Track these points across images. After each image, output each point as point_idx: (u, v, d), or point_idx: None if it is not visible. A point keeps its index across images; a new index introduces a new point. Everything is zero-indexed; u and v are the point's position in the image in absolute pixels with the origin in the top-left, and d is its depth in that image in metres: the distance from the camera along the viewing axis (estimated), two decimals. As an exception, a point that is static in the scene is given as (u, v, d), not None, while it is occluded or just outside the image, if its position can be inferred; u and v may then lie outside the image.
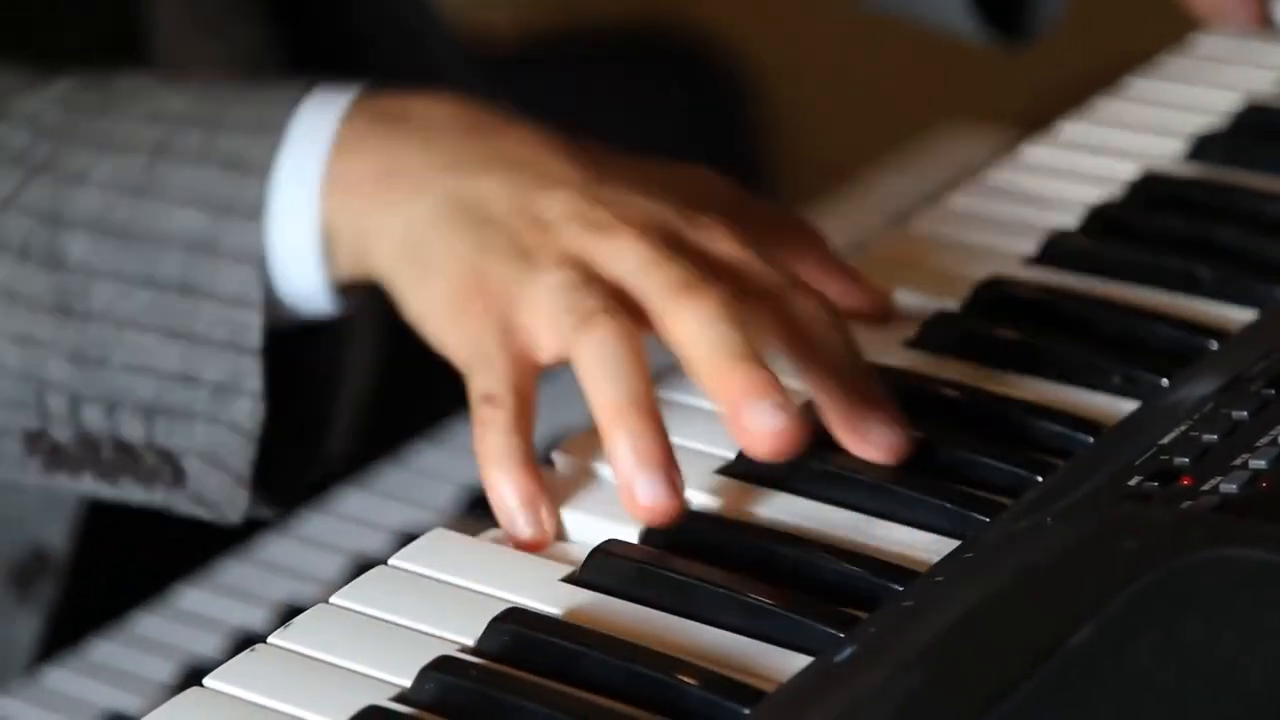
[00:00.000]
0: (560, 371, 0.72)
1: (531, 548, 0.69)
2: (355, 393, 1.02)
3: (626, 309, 0.70)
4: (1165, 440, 0.69)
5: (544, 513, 0.69)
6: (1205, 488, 0.66)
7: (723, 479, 0.72)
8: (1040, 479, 0.70)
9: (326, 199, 0.76)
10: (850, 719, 0.60)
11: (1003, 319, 0.80)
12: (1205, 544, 0.62)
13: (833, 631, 0.65)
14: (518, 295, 0.71)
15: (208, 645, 0.90)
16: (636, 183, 0.74)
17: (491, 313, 0.71)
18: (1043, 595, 0.62)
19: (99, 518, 0.92)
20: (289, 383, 0.79)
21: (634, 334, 0.70)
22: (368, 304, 0.80)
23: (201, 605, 0.92)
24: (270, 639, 0.66)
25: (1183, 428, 0.70)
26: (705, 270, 0.71)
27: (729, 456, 0.73)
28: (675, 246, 0.71)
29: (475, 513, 0.90)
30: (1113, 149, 0.90)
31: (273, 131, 0.76)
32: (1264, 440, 0.68)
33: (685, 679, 0.64)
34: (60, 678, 0.89)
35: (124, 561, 0.94)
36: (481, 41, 1.86)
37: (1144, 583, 0.61)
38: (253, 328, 0.76)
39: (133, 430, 0.77)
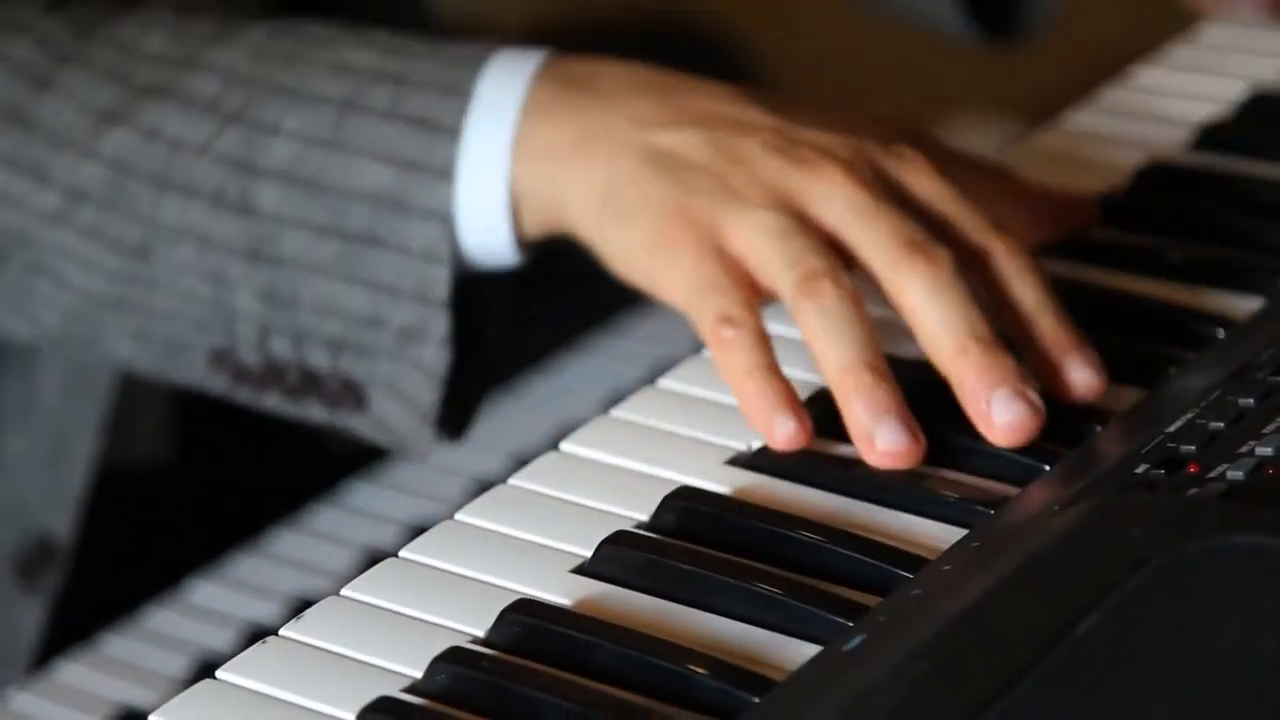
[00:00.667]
0: (561, 369, 0.72)
1: (797, 443, 0.71)
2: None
3: (845, 263, 0.72)
4: (1172, 428, 0.69)
5: (802, 411, 0.71)
6: (1212, 475, 0.66)
7: (732, 469, 0.73)
8: (1048, 468, 0.71)
9: (519, 162, 0.77)
10: (859, 707, 0.60)
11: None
12: (1211, 531, 0.62)
13: (841, 620, 0.65)
14: (727, 226, 0.73)
15: (219, 639, 0.91)
16: (830, 123, 0.75)
17: (703, 243, 0.73)
18: (1050, 583, 0.63)
19: (103, 507, 0.92)
20: (465, 318, 0.81)
21: (859, 298, 0.72)
22: None
23: (213, 599, 0.93)
24: (282, 631, 0.66)
25: (1189, 415, 0.70)
26: (918, 223, 0.72)
27: (738, 447, 0.73)
28: (881, 184, 0.73)
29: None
30: (1119, 139, 0.90)
31: (460, 94, 0.77)
32: (1270, 428, 0.68)
33: (695, 668, 0.64)
34: (72, 671, 0.90)
35: (129, 551, 0.95)
36: (492, 37, 1.86)
37: (1151, 570, 0.61)
38: (440, 281, 0.78)
39: (319, 359, 0.80)
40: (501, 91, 0.77)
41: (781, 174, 0.74)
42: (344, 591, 0.68)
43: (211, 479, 1.00)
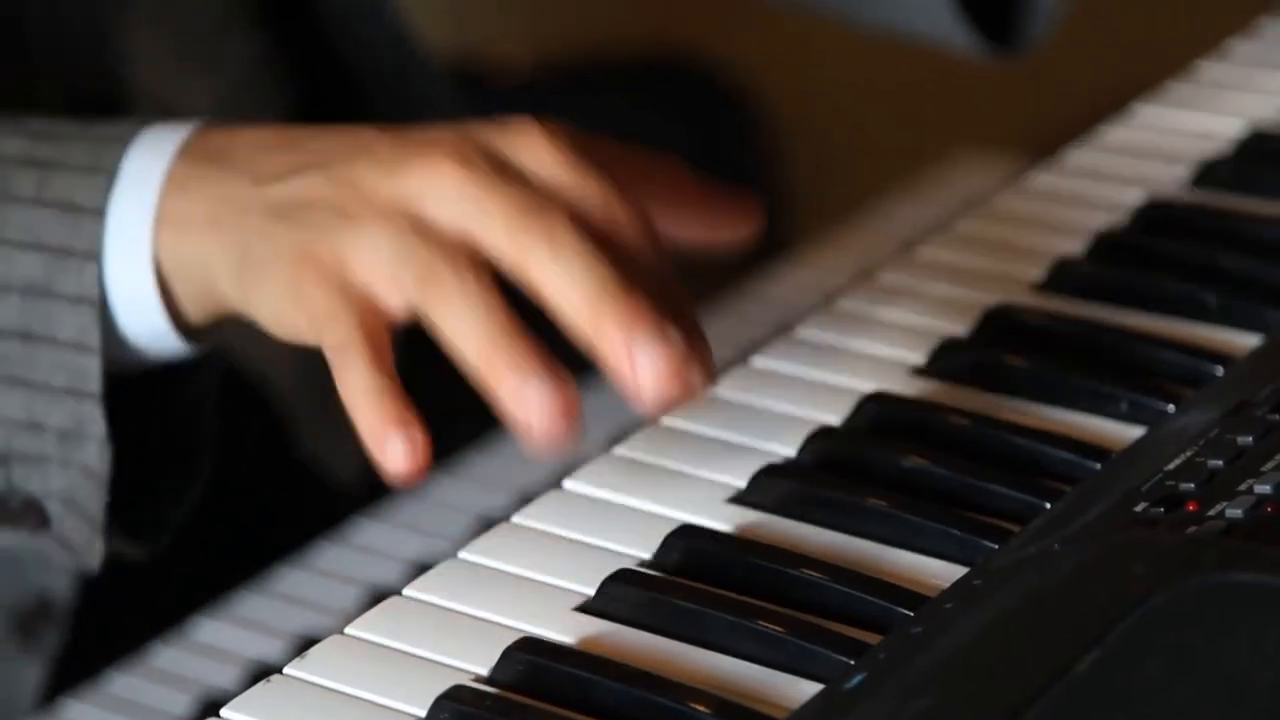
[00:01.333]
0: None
1: (408, 476, 0.69)
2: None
3: (465, 251, 0.70)
4: (1171, 466, 0.70)
5: (415, 431, 0.68)
6: (1211, 513, 0.67)
7: (734, 507, 0.73)
8: (1048, 505, 0.71)
9: (161, 240, 0.75)
10: (860, 745, 0.60)
11: (1011, 346, 0.80)
12: (1211, 569, 0.63)
13: (843, 658, 0.66)
14: (347, 256, 0.71)
15: (224, 677, 0.91)
16: (449, 127, 0.74)
17: (328, 279, 0.71)
18: (1050, 619, 0.63)
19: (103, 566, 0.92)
20: (160, 420, 0.78)
21: (480, 273, 0.69)
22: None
23: (218, 637, 0.93)
24: (286, 670, 0.67)
25: (1188, 454, 0.70)
26: (533, 193, 0.70)
27: (740, 485, 0.74)
28: (492, 164, 0.71)
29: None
30: (1118, 176, 0.90)
31: (103, 173, 0.76)
32: (1269, 465, 0.68)
33: (698, 706, 0.64)
34: (78, 710, 0.90)
35: (128, 609, 0.94)
36: (497, 72, 1.87)
37: (1150, 607, 0.62)
38: (92, 373, 0.75)
39: None
40: (145, 168, 0.76)
41: (391, 183, 0.72)
42: (348, 630, 0.68)
43: (212, 520, 1.00)
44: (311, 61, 1.08)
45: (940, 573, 0.69)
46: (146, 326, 0.76)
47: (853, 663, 0.65)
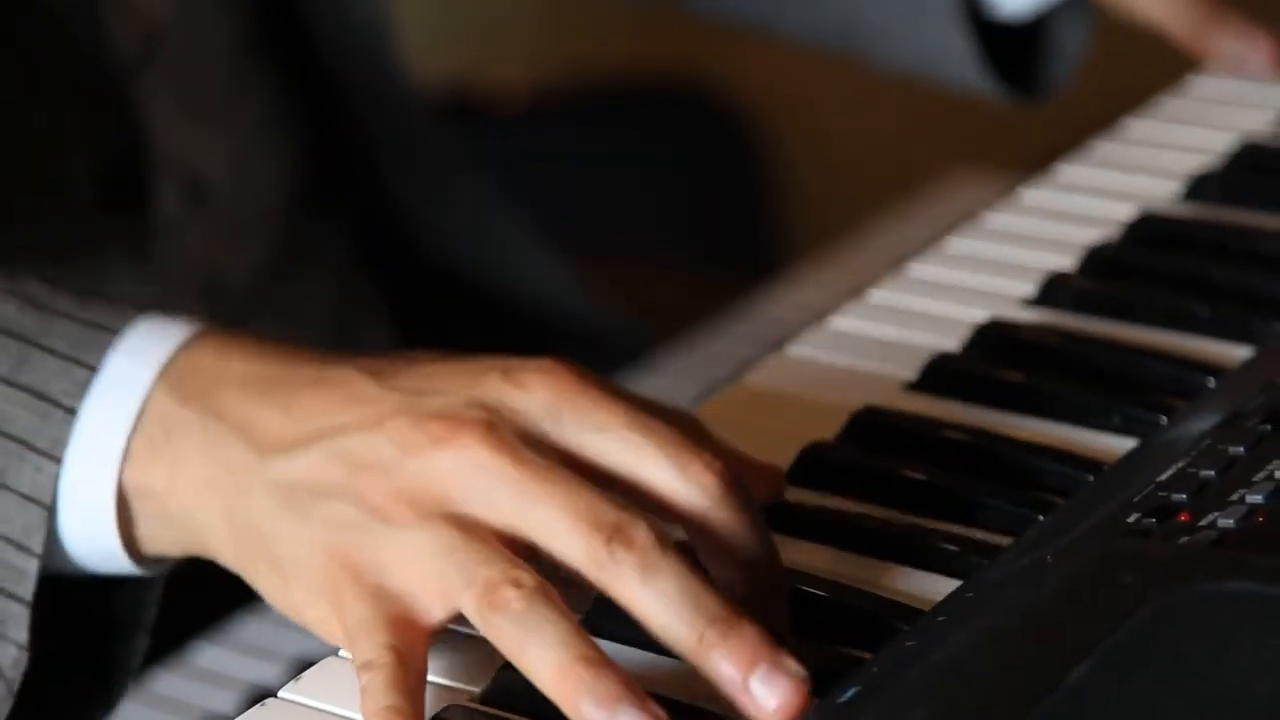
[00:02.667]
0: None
1: None
2: None
3: (523, 566, 0.64)
4: (1163, 477, 0.70)
5: None
6: (1203, 523, 0.67)
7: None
8: (1042, 518, 0.71)
9: (133, 470, 0.70)
10: (853, 758, 0.60)
11: (1003, 361, 0.81)
12: (1202, 578, 0.63)
13: (836, 673, 0.65)
14: (386, 561, 0.66)
15: (223, 701, 0.91)
16: (454, 374, 0.68)
17: (364, 585, 0.66)
18: (1043, 630, 0.63)
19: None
20: (81, 625, 0.74)
21: (548, 592, 0.64)
22: None
23: (216, 661, 0.93)
24: (281, 693, 0.67)
25: (1180, 464, 0.70)
26: (594, 489, 0.64)
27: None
28: (531, 444, 0.65)
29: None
30: (1110, 190, 0.91)
31: (85, 368, 0.71)
32: (1261, 475, 0.68)
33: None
34: None
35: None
36: (495, 98, 1.87)
37: (1142, 617, 0.62)
38: (28, 576, 0.71)
39: None
40: (126, 373, 0.71)
41: (421, 473, 0.66)
42: (342, 652, 0.68)
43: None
44: (317, 112, 1.09)
45: (935, 586, 0.69)
46: (93, 540, 0.72)
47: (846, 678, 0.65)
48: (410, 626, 0.66)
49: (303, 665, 0.91)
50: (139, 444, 0.70)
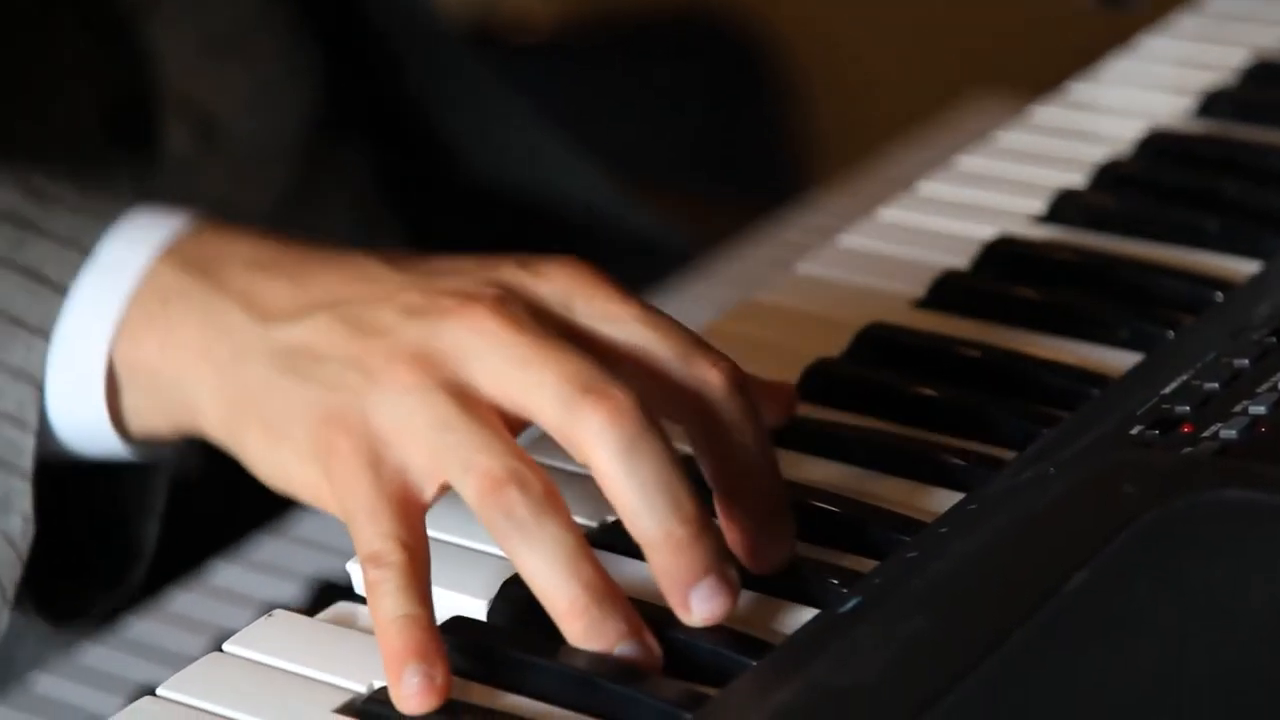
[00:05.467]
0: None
1: (423, 703, 0.63)
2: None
3: (511, 432, 0.64)
4: (1167, 390, 0.70)
5: (437, 671, 0.63)
6: (1205, 434, 0.67)
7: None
8: (1045, 431, 0.71)
9: (125, 344, 0.71)
10: (854, 663, 0.61)
11: (1011, 277, 0.81)
12: (1202, 486, 0.63)
13: (839, 584, 0.66)
14: (381, 428, 0.65)
15: (239, 619, 0.92)
16: (473, 263, 0.67)
17: (360, 453, 0.65)
18: (1043, 539, 0.63)
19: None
20: (92, 507, 0.75)
21: (552, 495, 0.63)
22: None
23: (233, 580, 0.94)
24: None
25: (1185, 377, 0.70)
26: (590, 359, 0.64)
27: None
28: (537, 320, 0.65)
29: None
30: (1122, 108, 0.90)
31: (79, 250, 0.72)
32: (1264, 387, 0.69)
33: (694, 634, 0.65)
34: (48, 683, 0.91)
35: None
36: (518, 30, 1.87)
37: (1142, 525, 0.62)
38: (26, 449, 0.72)
39: None
40: (123, 256, 0.71)
41: (423, 337, 0.65)
42: (350, 565, 0.69)
43: (224, 487, 1.00)
44: (339, 38, 1.08)
45: (940, 500, 0.70)
46: (81, 418, 0.72)
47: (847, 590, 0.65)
48: (410, 505, 0.65)
49: (318, 584, 0.92)
50: (133, 316, 0.71)
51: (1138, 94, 0.91)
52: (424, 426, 0.64)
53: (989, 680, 0.59)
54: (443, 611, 0.66)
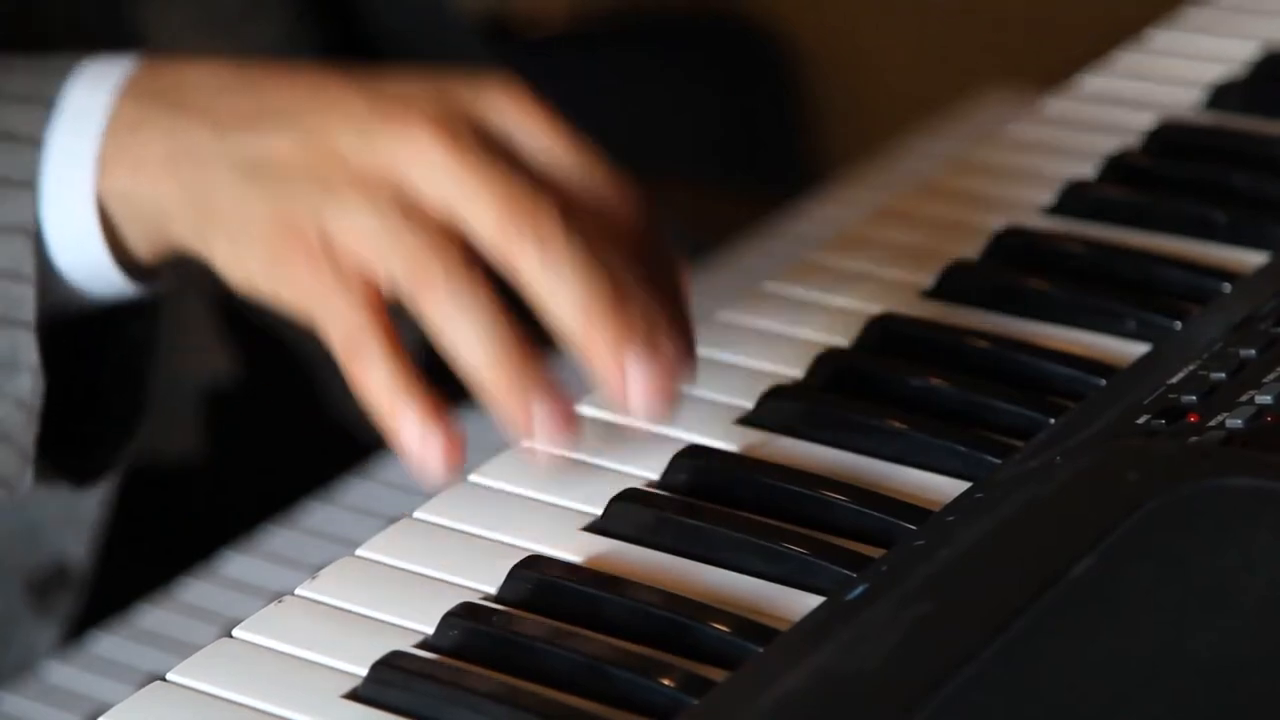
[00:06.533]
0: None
1: (447, 471, 0.68)
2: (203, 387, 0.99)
3: (454, 240, 0.68)
4: (1174, 380, 0.70)
5: (451, 428, 0.68)
6: (1211, 424, 0.67)
7: (741, 428, 0.74)
8: (1052, 420, 0.71)
9: (107, 179, 0.74)
10: (861, 648, 0.61)
11: (1020, 267, 0.81)
12: (1206, 474, 0.63)
13: (847, 572, 0.66)
14: (331, 230, 0.70)
15: (248, 608, 0.92)
16: (421, 79, 0.72)
17: (315, 253, 0.70)
18: (1047, 526, 0.64)
19: (121, 531, 0.93)
20: (101, 359, 0.77)
21: (476, 280, 0.68)
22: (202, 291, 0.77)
23: (243, 571, 0.94)
24: (298, 590, 0.68)
25: (1191, 367, 0.71)
26: (523, 176, 0.69)
27: (748, 406, 0.74)
28: (478, 137, 0.70)
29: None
30: (1132, 101, 0.91)
31: (42, 103, 0.74)
32: (1271, 377, 0.69)
33: (702, 620, 0.65)
34: (61, 672, 0.91)
35: (144, 574, 0.95)
36: (533, 20, 1.87)
37: (1146, 512, 0.62)
38: (26, 301, 0.74)
39: None
40: (87, 101, 0.74)
41: (370, 151, 0.70)
42: (359, 551, 0.69)
43: (235, 479, 1.00)
44: (338, 36, 1.09)
45: (947, 489, 0.70)
46: (86, 262, 0.75)
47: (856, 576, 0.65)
48: (372, 294, 0.69)
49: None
50: (108, 152, 0.74)
51: (1148, 87, 0.91)
52: (368, 232, 0.69)
53: (994, 666, 0.59)
54: (452, 598, 0.66)
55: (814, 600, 0.66)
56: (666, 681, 0.63)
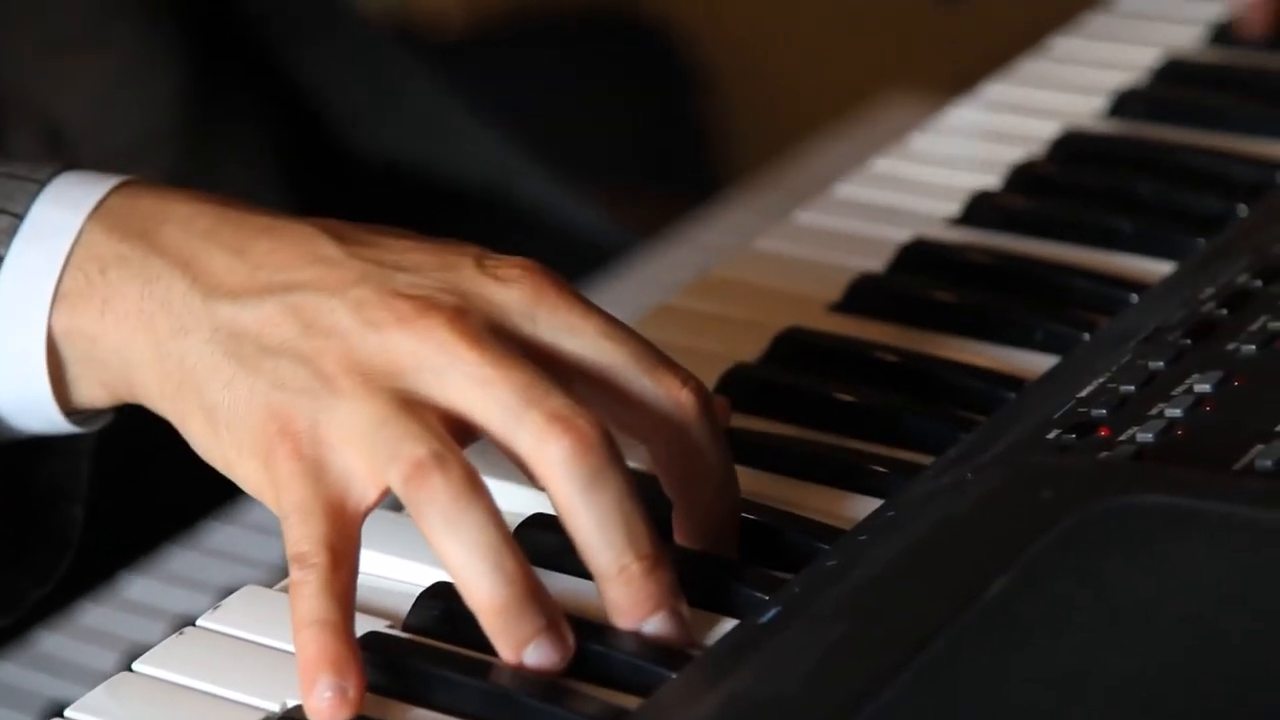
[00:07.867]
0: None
1: (336, 713, 0.62)
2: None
3: (451, 436, 0.63)
4: (1084, 393, 0.70)
5: (351, 684, 0.62)
6: (1122, 438, 0.67)
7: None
8: (963, 435, 0.71)
9: (65, 314, 0.68)
10: (775, 673, 0.60)
11: (926, 280, 0.80)
12: (1119, 491, 0.63)
13: (759, 595, 0.65)
14: (326, 434, 0.64)
15: (152, 632, 0.91)
16: (428, 255, 0.66)
17: (301, 456, 0.64)
18: (961, 546, 0.63)
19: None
20: (24, 494, 0.72)
21: (472, 479, 0.62)
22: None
23: (146, 593, 0.93)
24: (199, 621, 0.66)
25: (1101, 380, 0.70)
26: (550, 379, 0.63)
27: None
28: (497, 334, 0.64)
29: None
30: (1035, 108, 0.90)
31: (10, 216, 0.68)
32: (1180, 390, 0.69)
33: (612, 645, 0.64)
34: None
35: (40, 599, 0.93)
36: (431, 27, 1.86)
37: (1060, 530, 0.62)
38: None
39: None
40: (56, 220, 0.68)
41: (378, 345, 0.64)
42: (265, 586, 0.68)
43: (132, 501, 0.98)
44: (208, 31, 1.06)
45: (859, 507, 0.69)
46: (23, 395, 0.69)
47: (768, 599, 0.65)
48: (346, 515, 0.64)
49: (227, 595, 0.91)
50: (71, 284, 0.68)
51: (1050, 94, 0.91)
52: (365, 428, 0.63)
53: (911, 687, 0.59)
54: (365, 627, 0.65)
55: (727, 623, 0.65)
56: (581, 710, 0.62)
